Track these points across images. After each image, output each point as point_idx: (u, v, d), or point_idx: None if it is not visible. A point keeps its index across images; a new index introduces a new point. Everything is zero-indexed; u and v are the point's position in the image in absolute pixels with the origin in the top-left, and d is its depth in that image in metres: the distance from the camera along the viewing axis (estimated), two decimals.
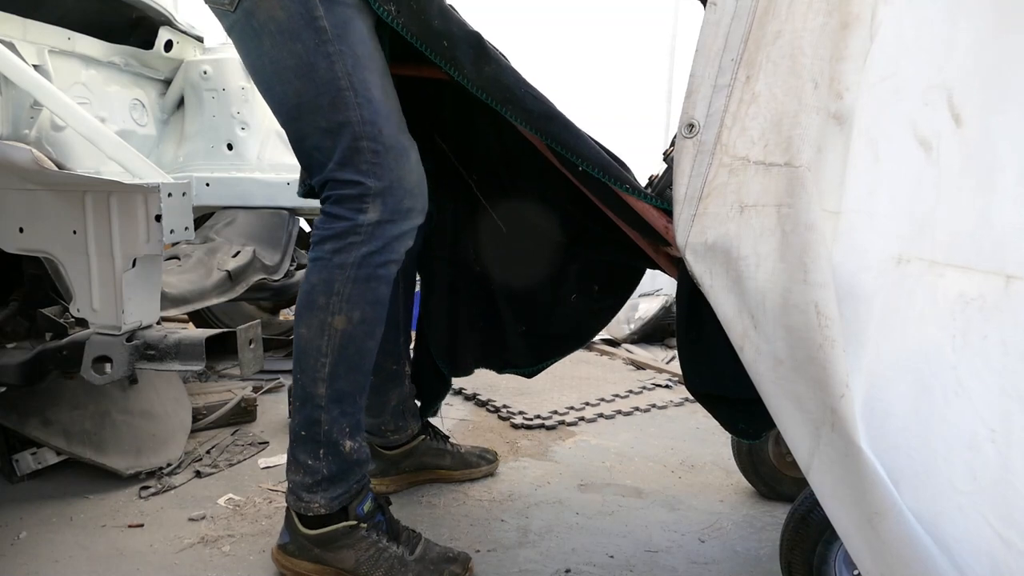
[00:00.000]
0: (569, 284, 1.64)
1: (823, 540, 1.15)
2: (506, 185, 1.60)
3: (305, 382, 1.28)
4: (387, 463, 1.72)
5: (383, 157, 1.20)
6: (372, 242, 1.22)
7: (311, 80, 1.18)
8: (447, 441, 1.83)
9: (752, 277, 0.91)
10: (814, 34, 0.88)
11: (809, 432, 0.88)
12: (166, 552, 1.45)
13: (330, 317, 1.24)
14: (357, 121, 1.19)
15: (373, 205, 1.21)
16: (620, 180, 1.23)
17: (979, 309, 0.87)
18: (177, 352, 1.41)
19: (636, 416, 2.36)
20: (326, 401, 1.27)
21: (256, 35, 1.20)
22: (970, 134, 0.89)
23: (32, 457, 1.73)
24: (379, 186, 1.20)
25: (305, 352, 1.26)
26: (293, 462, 1.32)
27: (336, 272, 1.22)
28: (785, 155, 0.88)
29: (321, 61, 1.18)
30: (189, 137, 2.32)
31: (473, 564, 1.39)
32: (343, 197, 1.21)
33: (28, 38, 1.69)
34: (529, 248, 1.64)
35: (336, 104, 1.18)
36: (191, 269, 2.09)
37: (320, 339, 1.25)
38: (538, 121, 1.22)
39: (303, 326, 1.26)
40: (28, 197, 1.38)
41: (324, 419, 1.28)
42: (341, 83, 1.18)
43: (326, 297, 1.23)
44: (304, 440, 1.29)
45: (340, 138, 1.19)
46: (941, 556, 0.81)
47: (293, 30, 1.17)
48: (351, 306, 1.24)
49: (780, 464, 1.71)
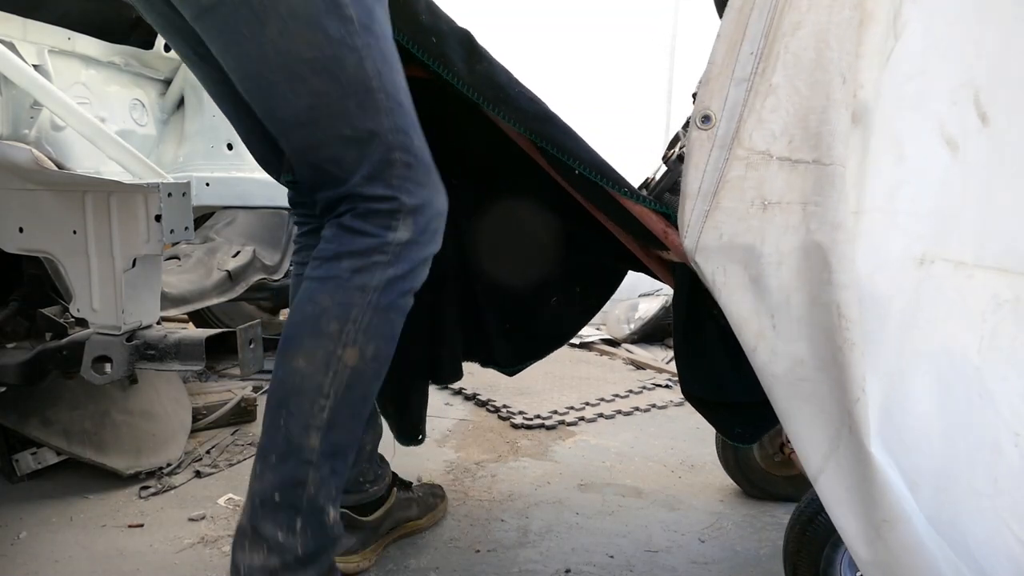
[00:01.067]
0: (551, 286, 1.58)
1: (830, 543, 1.14)
2: (488, 187, 1.54)
3: (292, 429, 1.01)
4: (367, 533, 1.44)
5: (414, 171, 1.04)
6: (399, 264, 1.03)
7: (334, 78, 0.99)
8: (411, 487, 1.61)
9: (775, 275, 0.88)
10: (840, 28, 0.85)
11: (828, 435, 0.86)
12: (166, 552, 1.45)
13: (340, 349, 1.01)
14: (389, 129, 1.02)
15: (404, 223, 1.03)
16: (617, 183, 1.22)
17: (1012, 311, 0.86)
18: (177, 352, 1.41)
19: (636, 416, 2.36)
20: (318, 456, 1.01)
21: (257, 19, 0.97)
22: (997, 133, 0.88)
23: (32, 457, 1.73)
24: (412, 203, 1.03)
25: (299, 391, 1.01)
26: (253, 538, 1.02)
27: (356, 295, 1.02)
28: (814, 152, 0.86)
29: (348, 55, 0.98)
30: (189, 137, 2.31)
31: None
32: (371, 212, 1.02)
33: (28, 38, 1.69)
34: (511, 250, 1.58)
35: (365, 107, 1.00)
36: (191, 269, 2.09)
37: (323, 375, 1.01)
38: (532, 122, 1.18)
39: (301, 357, 1.02)
40: (28, 197, 1.38)
41: (311, 479, 1.01)
42: (372, 83, 1.00)
43: (340, 324, 1.01)
44: (277, 507, 1.01)
45: (369, 148, 1.01)
46: (947, 566, 0.80)
47: (312, 16, 0.96)
48: (367, 338, 1.02)
49: (768, 465, 1.71)
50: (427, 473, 1.85)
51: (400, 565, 1.43)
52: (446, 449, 2.02)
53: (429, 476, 1.83)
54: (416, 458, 1.94)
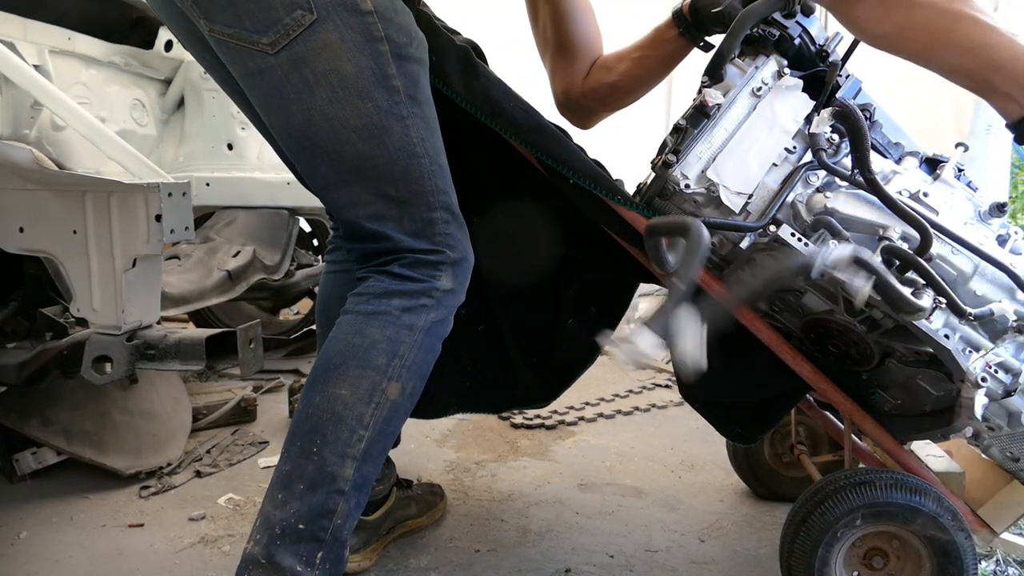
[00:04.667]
0: (566, 309, 1.56)
1: (824, 543, 1.15)
2: (502, 222, 1.50)
3: (328, 458, 1.00)
4: (369, 532, 1.44)
5: (453, 227, 1.11)
6: (439, 309, 1.09)
7: (381, 145, 1.04)
8: (411, 485, 1.62)
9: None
10: None
11: None
12: (166, 552, 1.45)
13: (386, 382, 1.04)
14: (431, 191, 1.08)
15: (447, 274, 1.09)
16: (611, 191, 1.24)
17: None
18: (177, 352, 1.41)
19: (636, 416, 2.36)
20: (350, 487, 1.02)
21: (307, 87, 1.01)
22: None
23: (32, 457, 1.73)
24: (455, 256, 1.10)
25: (340, 419, 1.01)
26: (267, 568, 0.99)
27: (404, 332, 1.06)
28: None
29: (395, 125, 1.04)
30: (189, 137, 2.31)
31: None
32: (418, 262, 1.08)
33: (28, 38, 1.69)
34: (525, 279, 1.54)
35: (410, 172, 1.06)
36: (191, 269, 2.09)
37: (366, 406, 1.03)
38: (528, 134, 1.22)
39: (345, 386, 1.02)
40: (28, 197, 1.38)
41: (340, 510, 1.01)
42: (416, 149, 1.06)
43: (387, 358, 1.04)
44: (300, 538, 0.99)
45: (411, 208, 1.07)
46: None
47: (363, 88, 1.01)
48: (409, 375, 1.06)
49: (776, 464, 1.72)
50: (427, 473, 1.85)
51: (400, 565, 1.43)
52: (446, 449, 2.02)
53: (429, 476, 1.83)
54: (416, 458, 1.94)
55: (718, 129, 1.20)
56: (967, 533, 1.14)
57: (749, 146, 1.21)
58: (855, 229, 1.17)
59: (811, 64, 1.31)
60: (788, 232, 1.15)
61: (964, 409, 1.14)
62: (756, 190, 1.20)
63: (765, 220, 1.16)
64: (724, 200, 1.18)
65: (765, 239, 1.17)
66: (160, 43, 2.16)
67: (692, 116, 1.21)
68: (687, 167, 1.19)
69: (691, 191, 1.19)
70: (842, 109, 1.16)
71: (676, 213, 1.24)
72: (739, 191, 1.19)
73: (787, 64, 1.26)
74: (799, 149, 1.22)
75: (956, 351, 1.11)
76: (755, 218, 1.19)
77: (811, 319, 1.26)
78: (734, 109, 1.22)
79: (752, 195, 1.20)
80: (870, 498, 1.13)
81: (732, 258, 1.24)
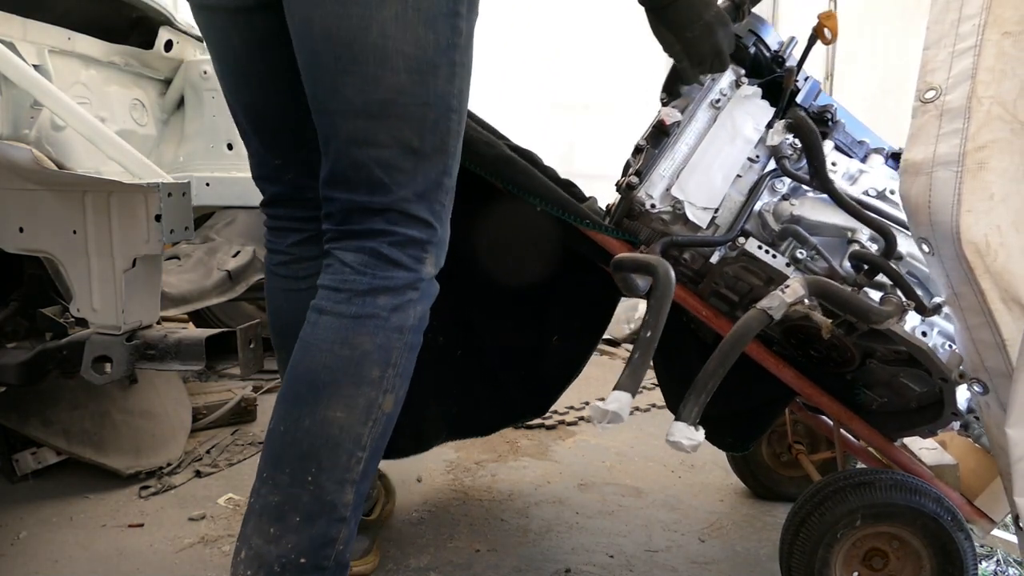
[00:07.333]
0: (549, 326, 1.54)
1: (824, 543, 1.15)
2: (477, 240, 1.44)
3: (326, 486, 0.92)
4: (372, 532, 1.43)
5: (449, 201, 1.01)
6: (424, 301, 0.99)
7: (424, 84, 0.93)
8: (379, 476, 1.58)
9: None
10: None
11: None
12: (166, 552, 1.45)
13: (382, 396, 0.94)
14: (452, 152, 0.98)
15: (430, 256, 0.99)
16: (579, 216, 1.24)
17: None
18: (177, 352, 1.41)
19: (636, 416, 2.36)
20: (351, 511, 0.94)
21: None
22: None
23: (32, 457, 1.73)
24: (440, 235, 0.99)
25: (337, 444, 0.92)
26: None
27: (395, 337, 0.95)
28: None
29: (445, 67, 0.94)
30: (189, 137, 2.31)
31: None
32: (408, 241, 0.96)
33: (28, 38, 1.69)
34: (506, 297, 1.50)
35: (440, 124, 0.95)
36: (191, 269, 2.09)
37: (363, 426, 0.93)
38: (491, 165, 1.22)
39: (340, 407, 0.92)
40: (28, 197, 1.38)
41: (343, 536, 0.94)
42: (453, 102, 0.96)
43: (381, 370, 0.94)
44: (302, 571, 0.91)
45: (428, 165, 0.96)
46: None
47: (433, 16, 0.91)
48: (401, 381, 0.97)
49: (775, 464, 1.72)
50: (427, 472, 1.85)
51: (400, 565, 1.43)
52: (446, 449, 2.02)
53: (429, 475, 1.83)
54: (416, 458, 1.93)
55: (679, 145, 1.21)
56: (967, 533, 1.14)
57: (712, 159, 1.21)
58: (823, 233, 1.18)
59: (768, 71, 1.31)
60: (755, 245, 1.16)
61: (947, 405, 1.14)
62: (722, 203, 1.20)
63: (733, 233, 1.17)
64: (691, 217, 1.19)
65: (734, 253, 1.18)
66: (160, 43, 2.16)
67: (652, 136, 1.21)
68: (651, 187, 1.19)
69: (657, 210, 1.19)
70: (795, 120, 1.16)
71: (645, 232, 1.24)
72: (705, 206, 1.19)
73: (744, 72, 1.26)
74: (762, 158, 1.22)
75: (934, 349, 1.10)
76: (723, 231, 1.20)
77: (789, 325, 1.26)
78: (694, 123, 1.22)
79: (719, 208, 1.20)
80: (870, 499, 1.13)
81: (705, 271, 1.24)
